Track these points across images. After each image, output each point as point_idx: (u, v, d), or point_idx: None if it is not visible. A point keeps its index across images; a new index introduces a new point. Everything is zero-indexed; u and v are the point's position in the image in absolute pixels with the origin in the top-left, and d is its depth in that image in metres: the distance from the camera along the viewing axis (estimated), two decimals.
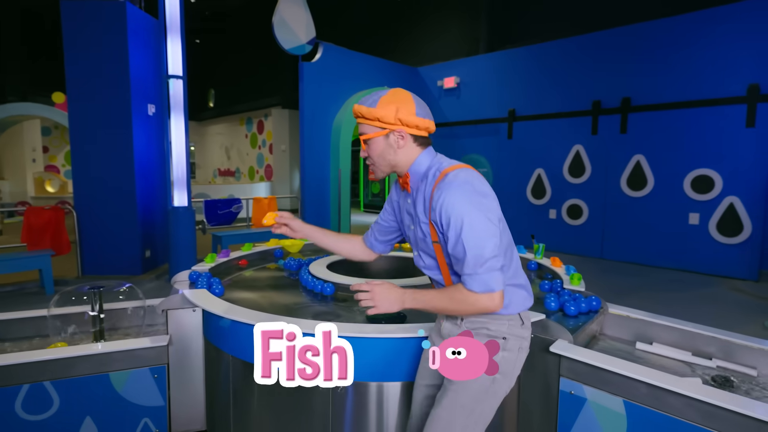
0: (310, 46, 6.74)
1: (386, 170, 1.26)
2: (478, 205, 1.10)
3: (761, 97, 5.11)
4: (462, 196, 1.09)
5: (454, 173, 1.14)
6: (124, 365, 1.79)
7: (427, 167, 1.22)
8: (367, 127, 1.22)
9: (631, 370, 1.42)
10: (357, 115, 1.23)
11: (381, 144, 1.22)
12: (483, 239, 1.08)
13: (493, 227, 1.10)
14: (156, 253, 5.38)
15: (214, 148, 16.60)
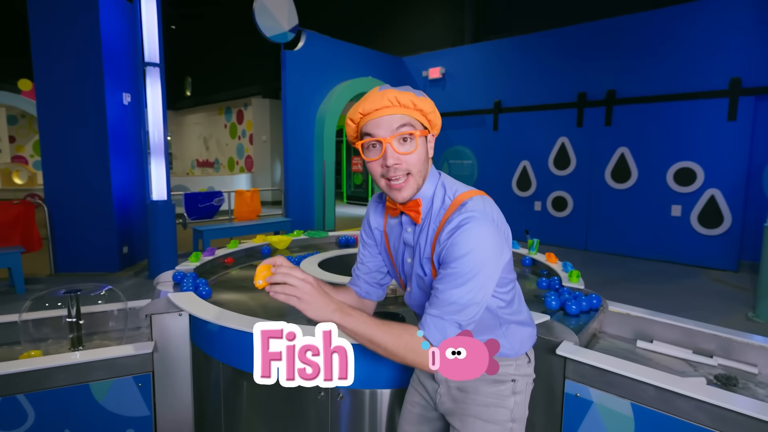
0: (292, 34, 6.55)
1: (419, 185, 0.98)
2: (499, 252, 0.92)
3: (743, 91, 5.20)
4: (485, 238, 0.90)
5: (475, 202, 0.93)
6: (105, 374, 1.68)
7: (434, 189, 1.01)
8: (410, 120, 0.95)
9: (640, 372, 1.39)
10: (399, 103, 0.94)
11: (423, 148, 0.98)
12: (481, 289, 0.90)
13: (495, 279, 0.94)
14: (134, 249, 5.19)
15: (191, 139, 16.17)
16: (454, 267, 0.89)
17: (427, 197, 1.01)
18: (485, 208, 0.93)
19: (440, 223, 0.96)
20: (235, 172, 13.99)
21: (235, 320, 1.52)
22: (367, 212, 1.21)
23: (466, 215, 0.90)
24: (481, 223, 0.89)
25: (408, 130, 0.94)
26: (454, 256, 0.89)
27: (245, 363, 1.56)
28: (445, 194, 0.99)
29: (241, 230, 5.85)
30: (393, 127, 0.94)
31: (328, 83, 7.29)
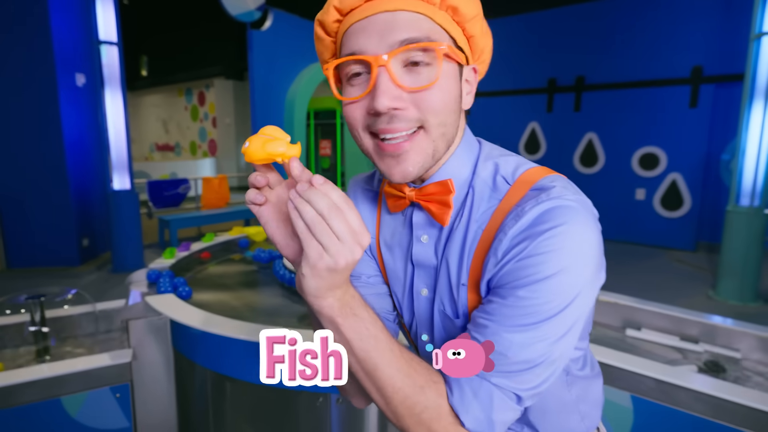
0: (259, 13, 6.24)
1: (438, 151, 0.54)
2: (598, 272, 0.52)
3: (704, 79, 5.38)
4: (588, 248, 0.49)
5: (559, 184, 0.52)
6: (78, 387, 1.54)
7: (474, 164, 0.59)
8: (428, 25, 0.51)
9: (639, 365, 1.40)
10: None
11: (455, 82, 0.53)
12: (567, 335, 0.51)
13: (586, 317, 0.54)
14: (95, 241, 4.88)
15: (149, 121, 15.37)
16: (527, 296, 0.48)
17: (461, 177, 0.57)
18: (578, 192, 0.53)
19: (492, 220, 0.54)
20: (198, 156, 13.45)
21: (224, 326, 1.42)
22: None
23: (553, 205, 0.49)
24: (582, 222, 0.49)
25: (423, 42, 0.50)
26: (532, 277, 0.48)
27: (235, 368, 1.48)
28: (497, 171, 0.56)
29: (210, 218, 5.62)
30: (394, 36, 0.50)
31: (298, 65, 7.04)
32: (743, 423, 1.26)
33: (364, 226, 0.47)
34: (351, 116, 0.54)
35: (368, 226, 0.69)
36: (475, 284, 0.55)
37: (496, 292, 0.51)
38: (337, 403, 1.42)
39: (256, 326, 1.40)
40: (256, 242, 2.87)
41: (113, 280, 4.16)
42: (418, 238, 0.61)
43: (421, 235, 0.61)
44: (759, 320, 3.43)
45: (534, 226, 0.49)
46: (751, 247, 3.75)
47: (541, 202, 0.50)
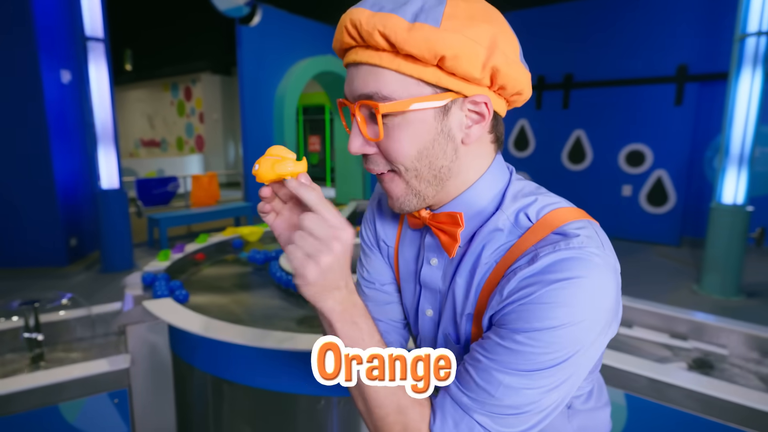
0: (248, 8, 6.17)
1: (424, 190, 0.55)
2: (608, 326, 0.51)
3: (689, 77, 5.48)
4: (599, 305, 0.48)
5: (585, 231, 0.50)
6: (76, 393, 1.54)
7: (494, 197, 0.57)
8: (390, 77, 0.50)
9: (633, 364, 1.44)
10: (359, 36, 0.50)
11: (429, 126, 0.52)
12: (561, 387, 0.50)
13: (588, 369, 0.52)
14: (84, 241, 4.80)
15: (134, 117, 15.11)
16: (525, 342, 0.47)
17: (476, 208, 0.56)
18: (604, 246, 0.50)
19: (505, 257, 0.53)
20: (185, 152, 13.27)
21: (226, 332, 1.42)
22: (370, 208, 0.73)
23: (570, 255, 0.47)
24: (597, 278, 0.47)
25: (366, 100, 0.51)
26: (534, 324, 0.47)
27: (235, 373, 1.48)
28: (522, 208, 0.54)
29: (200, 217, 5.57)
30: (354, 90, 0.52)
31: (287, 61, 6.98)
32: (732, 419, 1.31)
33: (343, 221, 0.48)
34: (348, 146, 0.57)
35: (389, 235, 0.70)
36: (478, 317, 0.55)
37: (497, 330, 0.50)
38: (339, 407, 1.43)
39: (258, 331, 1.40)
40: (250, 243, 2.86)
41: (103, 280, 4.11)
42: (428, 260, 0.62)
43: (431, 257, 0.61)
44: (741, 314, 3.54)
45: (545, 273, 0.47)
46: (734, 244, 3.85)
47: (558, 249, 0.48)
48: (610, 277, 0.48)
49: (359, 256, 0.75)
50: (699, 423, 1.35)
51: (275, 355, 1.38)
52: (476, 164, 0.56)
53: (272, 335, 1.38)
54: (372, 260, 0.71)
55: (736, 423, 1.31)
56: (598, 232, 0.52)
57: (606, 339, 0.51)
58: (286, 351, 1.33)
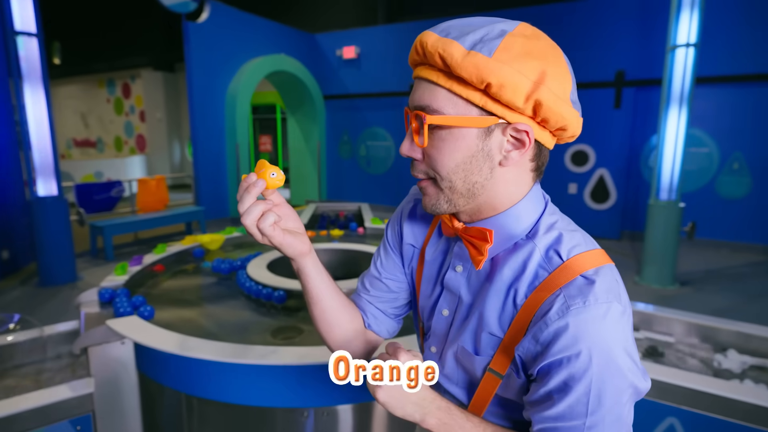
0: (194, 4, 5.92)
1: (456, 199, 0.60)
2: (630, 373, 0.53)
3: (626, 83, 5.90)
4: (616, 349, 0.52)
5: (606, 279, 0.54)
6: (35, 423, 1.42)
7: (528, 224, 0.61)
8: (442, 94, 0.55)
9: None
10: (423, 54, 0.56)
11: (471, 143, 0.56)
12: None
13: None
14: (17, 253, 4.41)
15: (66, 114, 14.03)
16: (549, 387, 0.54)
17: (509, 232, 0.60)
18: (621, 295, 0.54)
19: (536, 293, 0.57)
20: (125, 153, 12.51)
21: (202, 350, 1.37)
22: (400, 209, 0.79)
23: (598, 311, 0.51)
24: (612, 330, 0.52)
25: (418, 111, 0.57)
26: (544, 368, 0.54)
27: (213, 390, 1.43)
28: (553, 244, 0.58)
29: (148, 223, 5.28)
30: (413, 100, 0.58)
31: (238, 60, 6.77)
32: (685, 402, 1.44)
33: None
34: (400, 147, 0.62)
35: (418, 236, 0.76)
36: (508, 346, 0.59)
37: (527, 377, 0.58)
38: (323, 417, 1.43)
39: (239, 347, 1.37)
40: (212, 251, 2.76)
41: (42, 295, 3.80)
42: (454, 266, 0.67)
43: (456, 264, 0.67)
44: (677, 301, 3.87)
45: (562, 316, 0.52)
46: (669, 237, 4.19)
47: (574, 300, 0.52)
48: (628, 323, 0.54)
49: (378, 248, 0.83)
50: (654, 407, 1.47)
51: (256, 369, 1.35)
52: (513, 189, 0.60)
53: (254, 350, 1.35)
54: (389, 257, 0.79)
55: (686, 405, 1.44)
56: (617, 279, 0.56)
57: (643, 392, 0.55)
58: (270, 366, 1.31)
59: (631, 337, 0.54)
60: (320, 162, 8.34)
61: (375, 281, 0.79)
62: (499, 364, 0.60)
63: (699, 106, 5.49)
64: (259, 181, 0.59)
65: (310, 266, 0.68)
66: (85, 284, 3.98)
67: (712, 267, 4.97)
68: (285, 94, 8.21)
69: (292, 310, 1.90)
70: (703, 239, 5.74)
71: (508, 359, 0.59)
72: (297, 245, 0.65)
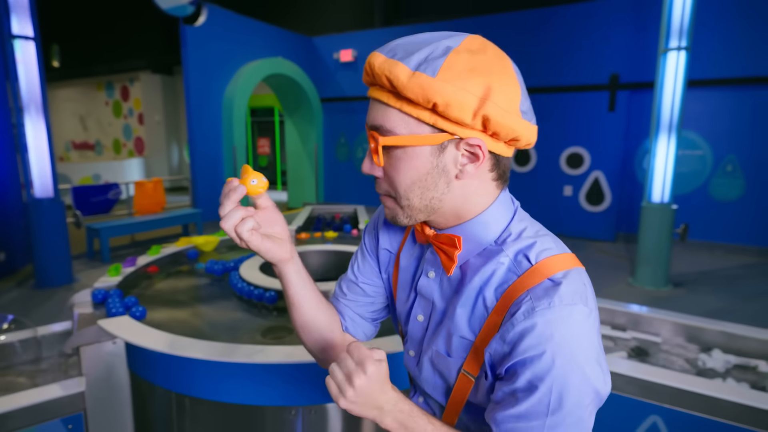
0: (192, 8, 5.96)
1: (415, 215, 0.62)
2: (593, 376, 0.54)
3: (620, 86, 5.94)
4: (579, 350, 0.53)
5: (574, 281, 0.56)
6: (26, 422, 1.44)
7: (501, 233, 0.62)
8: (394, 115, 0.57)
9: None
10: (377, 81, 0.57)
11: (425, 161, 0.58)
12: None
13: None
14: (13, 255, 4.43)
15: (64, 117, 14.06)
16: (516, 387, 0.55)
17: (478, 239, 0.62)
18: (588, 298, 0.56)
19: (506, 296, 0.58)
20: (123, 155, 12.53)
21: (192, 349, 1.40)
22: (377, 214, 0.80)
23: (562, 312, 0.53)
24: (575, 330, 0.53)
25: (377, 132, 0.58)
26: (510, 369, 0.56)
27: (202, 388, 1.46)
28: (522, 251, 0.59)
29: (145, 225, 5.30)
30: (368, 120, 0.60)
31: (235, 63, 6.80)
32: (668, 400, 1.47)
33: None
34: (362, 166, 0.64)
35: (394, 241, 0.77)
36: (479, 349, 0.60)
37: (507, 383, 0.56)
38: (310, 415, 1.45)
39: (227, 346, 1.39)
40: (206, 253, 2.78)
41: (38, 297, 3.82)
42: (426, 272, 0.69)
43: (429, 270, 0.69)
44: (670, 302, 3.90)
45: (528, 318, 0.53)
46: (662, 239, 4.22)
47: (544, 304, 0.53)
48: (594, 326, 0.55)
49: (355, 252, 0.83)
50: (638, 406, 1.49)
51: (244, 368, 1.37)
52: (477, 199, 0.61)
53: (241, 349, 1.38)
54: (366, 262, 0.80)
55: (669, 404, 1.46)
56: (585, 282, 0.57)
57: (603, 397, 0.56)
58: (258, 364, 1.33)
59: (596, 340, 0.55)
60: (317, 164, 8.37)
61: (352, 285, 0.80)
62: (471, 366, 0.62)
63: (693, 108, 5.54)
64: (239, 187, 0.60)
65: (291, 272, 0.69)
66: (81, 286, 4.00)
67: (705, 268, 5.00)
68: (282, 97, 8.25)
69: (282, 310, 1.92)
70: (697, 241, 5.78)
71: (479, 362, 0.60)
72: (276, 251, 0.65)
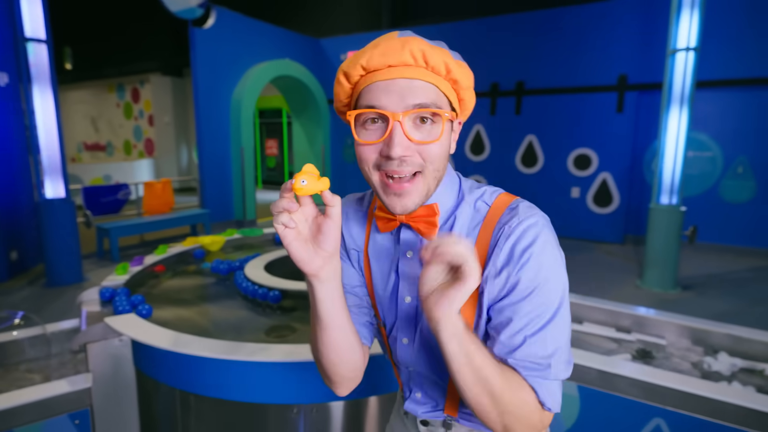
0: (201, 10, 6.02)
1: (429, 190, 0.66)
2: (563, 265, 0.66)
3: (628, 87, 5.89)
4: (559, 258, 0.64)
5: (526, 204, 0.66)
6: (34, 417, 1.47)
7: (457, 196, 0.71)
8: (436, 93, 0.63)
9: (585, 358, 1.57)
10: (426, 64, 0.62)
11: (448, 136, 0.66)
12: (566, 328, 0.65)
13: None
14: (25, 254, 4.50)
15: (76, 119, 14.26)
16: (532, 301, 0.61)
17: (446, 206, 0.69)
18: (544, 218, 0.65)
19: (481, 235, 0.66)
20: (134, 156, 12.67)
21: (195, 346, 1.42)
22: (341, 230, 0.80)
23: (530, 222, 0.62)
24: (550, 237, 0.63)
25: (432, 108, 0.61)
26: (530, 283, 0.61)
27: (206, 386, 1.47)
28: (478, 199, 0.69)
29: (154, 225, 5.36)
30: (410, 100, 0.61)
31: (243, 65, 6.86)
32: (671, 403, 1.46)
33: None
34: (364, 155, 0.64)
35: (358, 241, 0.78)
36: (479, 298, 0.66)
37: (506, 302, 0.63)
38: (312, 413, 1.46)
39: (230, 344, 1.41)
40: (212, 252, 2.81)
41: (49, 295, 3.88)
42: (404, 253, 0.72)
43: (407, 250, 0.71)
44: (678, 305, 3.86)
45: (520, 240, 0.62)
46: (671, 241, 4.18)
47: (521, 221, 0.63)
48: (554, 235, 0.65)
49: None
50: (642, 408, 1.48)
51: (247, 366, 1.39)
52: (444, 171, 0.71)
53: (244, 347, 1.39)
54: (346, 267, 0.78)
55: (672, 406, 1.45)
56: (528, 203, 0.68)
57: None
58: (260, 362, 1.35)
59: (560, 252, 0.65)
60: (324, 165, 8.40)
61: (348, 296, 0.75)
62: (468, 311, 0.66)
63: (703, 109, 5.48)
64: (289, 184, 0.57)
65: (320, 290, 0.63)
66: (91, 285, 4.06)
67: (715, 271, 4.94)
68: (290, 98, 8.30)
69: (286, 309, 1.94)
70: (706, 243, 5.70)
71: (471, 312, 0.66)
72: (304, 260, 0.59)
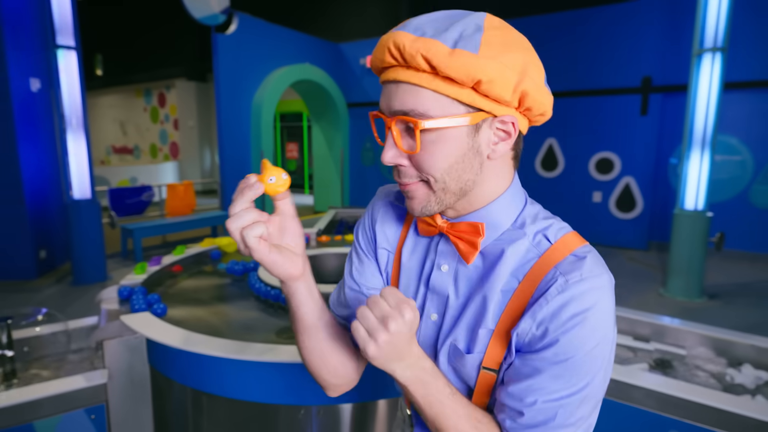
0: (223, 16, 6.15)
1: (448, 199, 0.59)
2: (612, 347, 0.57)
3: (653, 89, 5.74)
4: (611, 323, 0.55)
5: (593, 256, 0.57)
6: (52, 410, 1.52)
7: (517, 215, 0.62)
8: (427, 96, 0.54)
9: None
10: (402, 59, 0.54)
11: (461, 142, 0.56)
12: (598, 402, 0.59)
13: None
14: (53, 253, 4.67)
15: (105, 123, 14.76)
16: (566, 368, 0.53)
17: (495, 223, 0.60)
18: (605, 266, 0.57)
19: (530, 275, 0.57)
20: (159, 159, 13.03)
21: (206, 345, 1.44)
22: (370, 212, 0.74)
23: (593, 283, 0.54)
24: (609, 307, 0.55)
25: (404, 116, 0.54)
26: (569, 351, 0.53)
27: (216, 385, 1.50)
28: (541, 231, 0.59)
29: (176, 226, 5.49)
30: (393, 106, 0.55)
31: (264, 69, 6.98)
32: (688, 416, 1.40)
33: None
34: (382, 156, 0.60)
35: (391, 239, 0.71)
36: (501, 333, 0.58)
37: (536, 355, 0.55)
38: (318, 415, 1.47)
39: (239, 344, 1.42)
40: (228, 254, 2.86)
41: (75, 293, 4.02)
42: (439, 266, 0.64)
43: (442, 264, 0.64)
44: (704, 315, 3.72)
45: (575, 300, 0.53)
46: (696, 248, 4.04)
47: (583, 277, 0.54)
48: (612, 296, 0.56)
49: (349, 255, 0.77)
50: (658, 420, 1.44)
51: (256, 366, 1.41)
52: (498, 181, 0.60)
53: (253, 347, 1.41)
54: (364, 265, 0.72)
55: (691, 419, 1.40)
56: (598, 254, 0.59)
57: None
58: (267, 362, 1.36)
59: (613, 309, 0.56)
60: (343, 169, 8.46)
61: (355, 295, 0.71)
62: (491, 359, 0.59)
63: (731, 112, 5.29)
64: (257, 185, 0.53)
65: (302, 291, 0.62)
66: (114, 284, 4.16)
67: (744, 280, 4.75)
68: (309, 102, 8.40)
69: None
70: (735, 251, 5.50)
71: (502, 349, 0.58)
72: (284, 266, 0.57)
